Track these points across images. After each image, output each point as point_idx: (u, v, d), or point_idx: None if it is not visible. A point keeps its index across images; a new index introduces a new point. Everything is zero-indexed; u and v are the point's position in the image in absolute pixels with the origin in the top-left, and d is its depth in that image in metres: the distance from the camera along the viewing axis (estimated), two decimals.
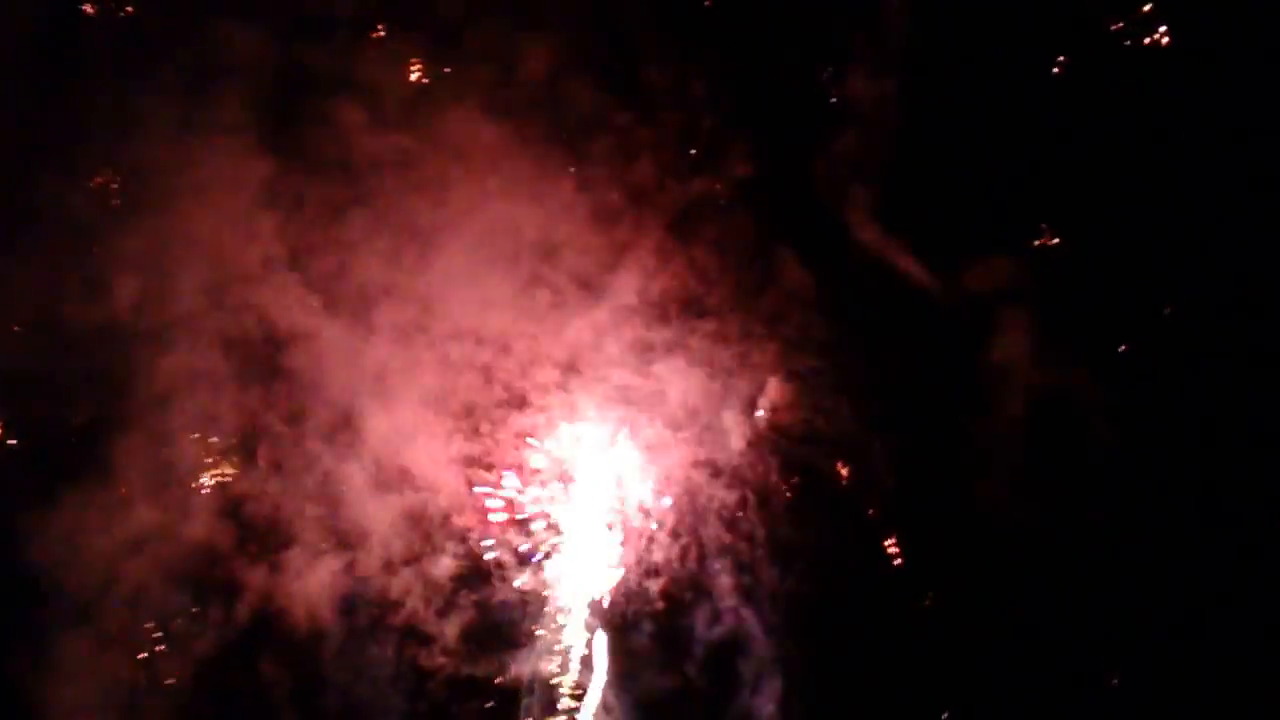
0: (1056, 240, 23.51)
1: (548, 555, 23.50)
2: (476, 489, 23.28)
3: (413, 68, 23.61)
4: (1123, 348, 23.36)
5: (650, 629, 23.57)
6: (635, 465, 23.62)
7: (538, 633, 23.36)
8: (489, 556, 23.28)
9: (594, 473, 23.63)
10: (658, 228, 23.39)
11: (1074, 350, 23.21)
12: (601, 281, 23.26)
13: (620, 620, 23.59)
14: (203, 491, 22.74)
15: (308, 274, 22.80)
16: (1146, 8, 23.29)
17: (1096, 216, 23.28)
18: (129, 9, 23.51)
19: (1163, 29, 23.22)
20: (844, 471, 24.10)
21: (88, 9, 23.41)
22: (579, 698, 23.35)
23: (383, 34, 23.65)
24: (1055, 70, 23.63)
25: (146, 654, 22.45)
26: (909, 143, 23.45)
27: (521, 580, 23.27)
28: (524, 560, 23.41)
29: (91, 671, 22.06)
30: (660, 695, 23.55)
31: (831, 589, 23.77)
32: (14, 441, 22.86)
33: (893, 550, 23.94)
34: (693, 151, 23.78)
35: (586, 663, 23.43)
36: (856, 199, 23.38)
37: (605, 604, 23.59)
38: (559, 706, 23.27)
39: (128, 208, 22.85)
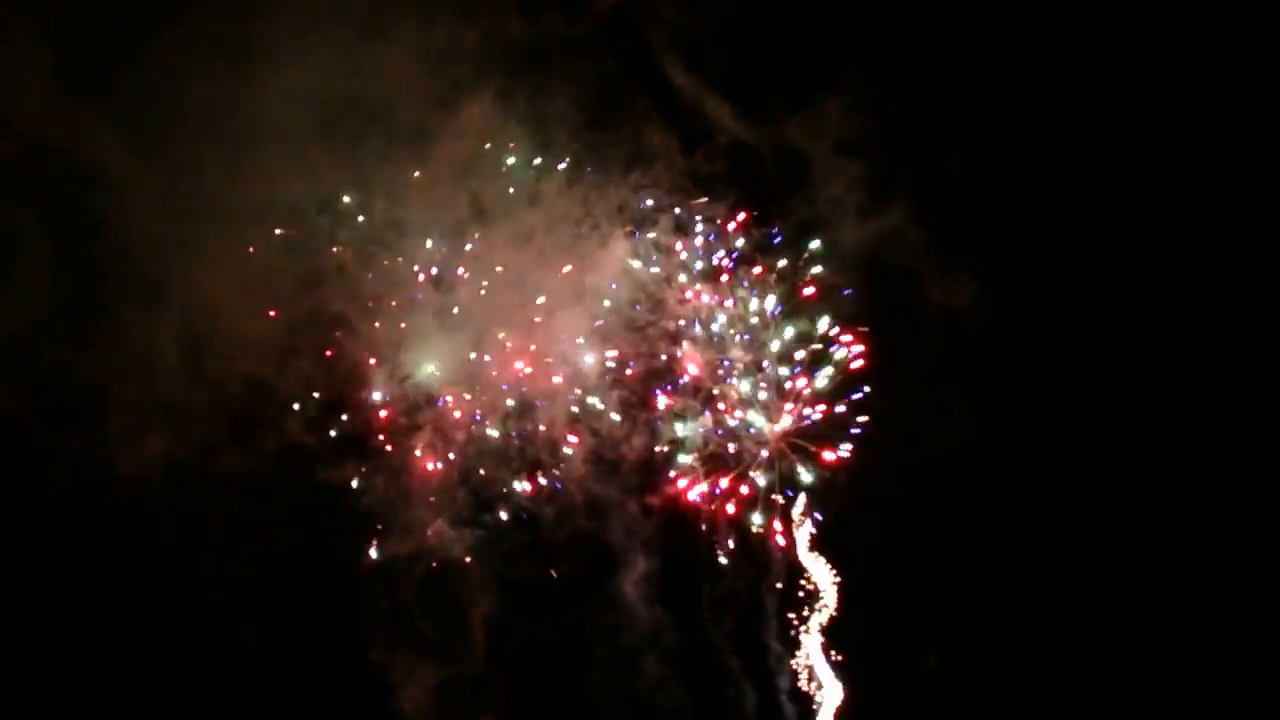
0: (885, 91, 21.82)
1: (380, 440, 22.01)
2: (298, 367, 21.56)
3: None
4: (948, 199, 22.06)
5: (506, 516, 22.31)
6: (468, 340, 21.84)
7: (383, 521, 22.09)
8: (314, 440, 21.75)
9: (425, 347, 21.88)
10: (500, 72, 21.19)
11: (899, 201, 21.96)
12: (437, 131, 21.11)
13: (472, 506, 22.32)
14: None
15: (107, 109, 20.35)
16: None
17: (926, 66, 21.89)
18: None
19: None
20: (678, 337, 22.48)
21: None
22: (434, 584, 22.23)
23: None
24: None
25: None
26: None
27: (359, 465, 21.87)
28: (353, 447, 21.95)
29: None
30: (523, 581, 22.43)
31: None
32: None
33: (730, 413, 22.68)
34: None
35: (440, 551, 22.25)
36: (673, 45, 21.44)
37: (452, 491, 22.25)
38: (402, 596, 22.12)
39: None
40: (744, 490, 22.44)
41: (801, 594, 22.81)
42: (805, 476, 22.41)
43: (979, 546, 22.24)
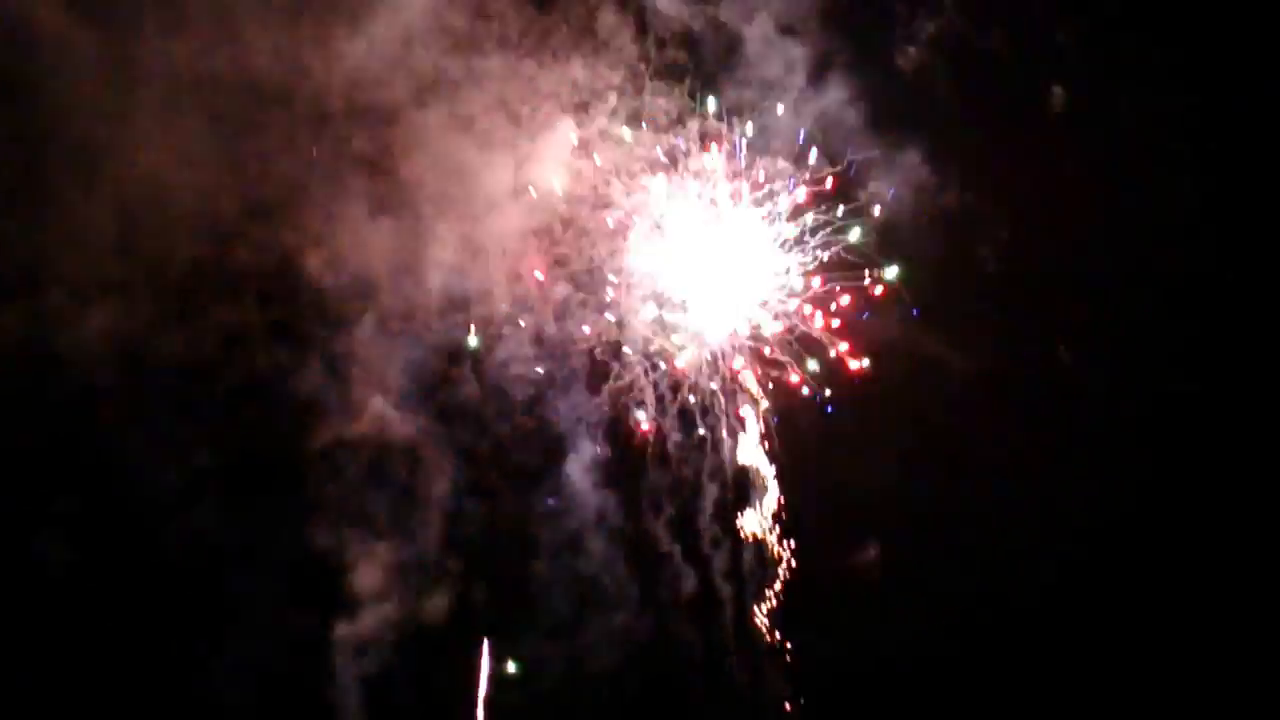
0: None
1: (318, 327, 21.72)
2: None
3: None
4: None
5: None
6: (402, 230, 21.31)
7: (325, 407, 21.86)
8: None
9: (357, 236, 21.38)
10: None
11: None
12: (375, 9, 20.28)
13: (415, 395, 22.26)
14: None
15: None
16: None
17: None
18: None
19: None
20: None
21: None
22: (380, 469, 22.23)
23: None
24: None
25: None
26: None
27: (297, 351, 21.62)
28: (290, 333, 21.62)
29: None
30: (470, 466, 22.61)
31: None
32: None
33: None
34: None
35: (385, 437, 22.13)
36: None
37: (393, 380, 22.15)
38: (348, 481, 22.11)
39: None
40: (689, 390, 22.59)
41: (744, 484, 23.15)
42: (750, 376, 22.61)
43: (929, 451, 22.61)
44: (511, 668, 22.56)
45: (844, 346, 22.12)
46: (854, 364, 22.12)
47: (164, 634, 21.26)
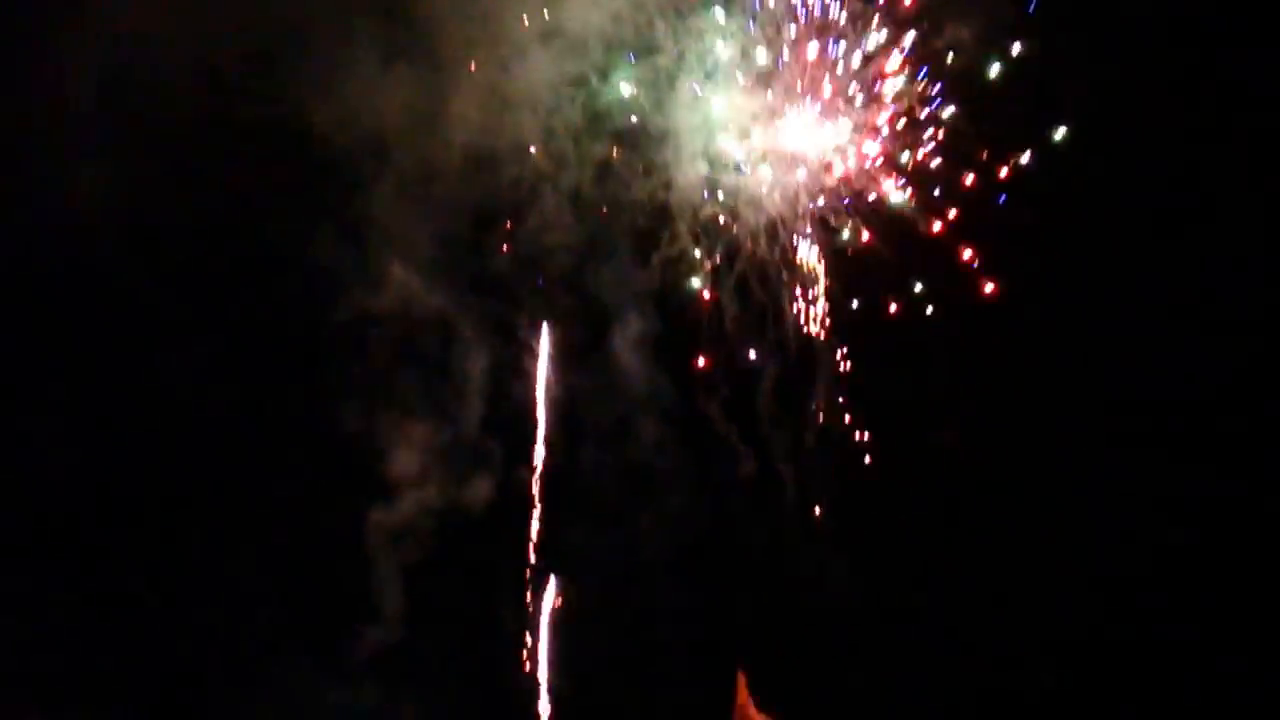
0: None
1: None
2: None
3: None
4: None
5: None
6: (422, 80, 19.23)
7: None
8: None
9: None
10: None
11: None
12: None
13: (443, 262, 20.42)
14: None
15: None
16: None
17: None
18: None
19: None
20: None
21: None
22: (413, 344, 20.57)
23: None
24: None
25: None
26: None
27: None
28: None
29: None
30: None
31: None
32: None
33: None
34: None
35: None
36: None
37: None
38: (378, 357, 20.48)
39: None
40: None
41: (808, 362, 21.14)
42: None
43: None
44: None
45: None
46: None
47: (187, 527, 20.32)
